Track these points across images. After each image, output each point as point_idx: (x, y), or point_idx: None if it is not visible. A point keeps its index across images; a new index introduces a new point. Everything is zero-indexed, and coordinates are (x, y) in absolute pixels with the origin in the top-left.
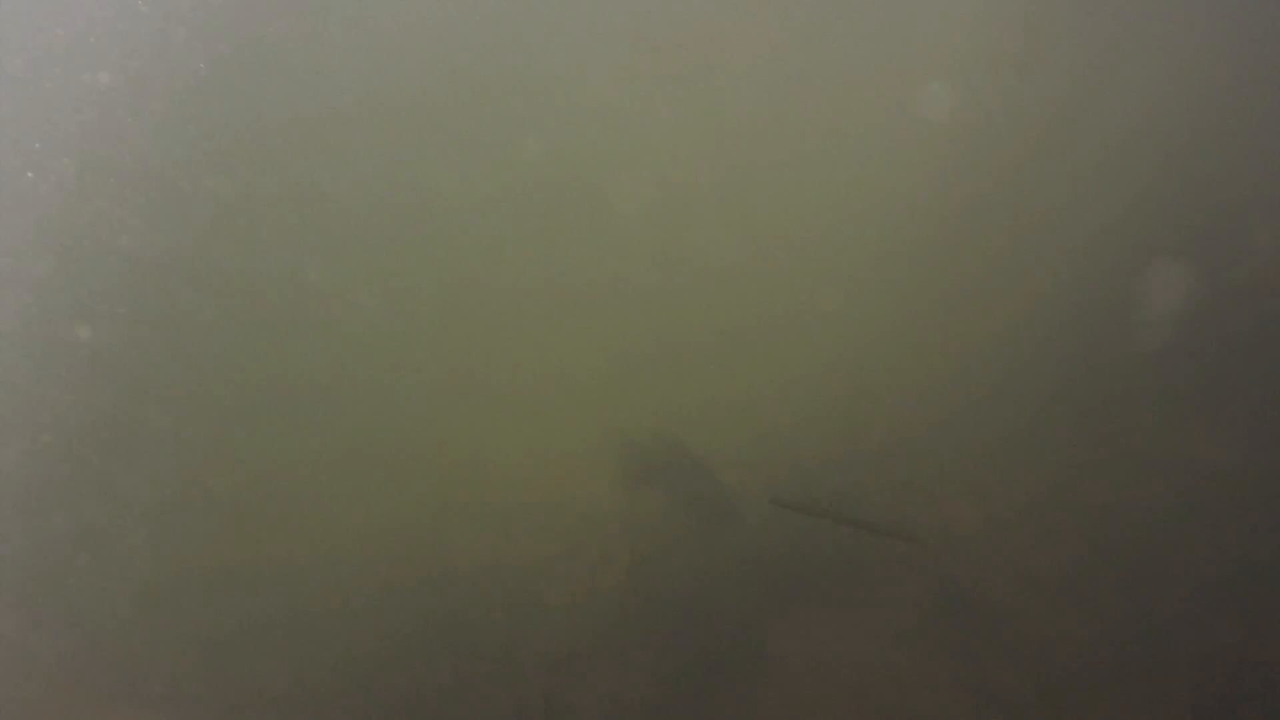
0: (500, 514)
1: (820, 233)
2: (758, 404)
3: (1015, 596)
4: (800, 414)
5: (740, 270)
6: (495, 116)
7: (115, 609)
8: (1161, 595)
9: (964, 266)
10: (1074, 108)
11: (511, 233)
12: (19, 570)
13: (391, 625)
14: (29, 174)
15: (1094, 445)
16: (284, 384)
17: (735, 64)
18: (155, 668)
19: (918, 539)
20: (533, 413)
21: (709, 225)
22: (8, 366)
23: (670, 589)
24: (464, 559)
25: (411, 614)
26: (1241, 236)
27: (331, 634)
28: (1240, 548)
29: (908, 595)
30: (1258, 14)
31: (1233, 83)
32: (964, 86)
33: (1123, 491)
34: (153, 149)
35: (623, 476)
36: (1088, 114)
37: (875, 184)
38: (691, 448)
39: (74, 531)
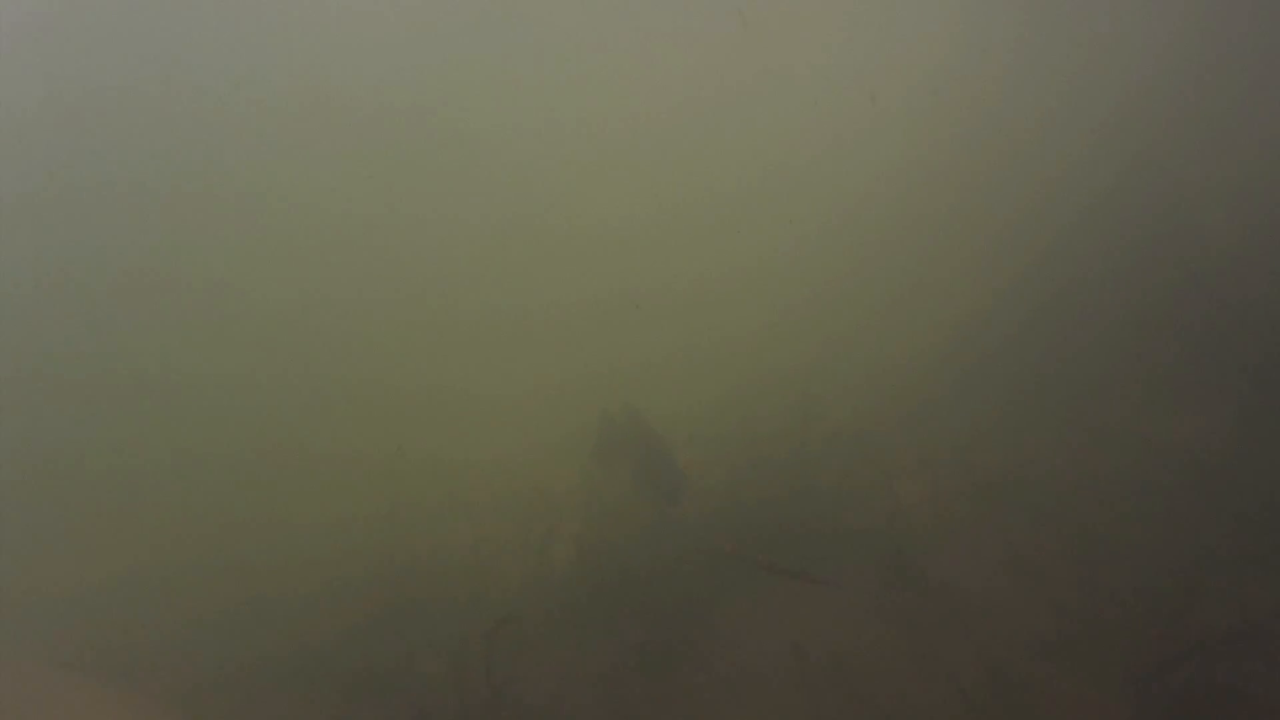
0: (454, 495)
1: (780, 228)
2: (714, 384)
3: (969, 576)
4: (756, 395)
5: (697, 259)
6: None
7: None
8: (1116, 573)
9: (914, 261)
10: (1029, 109)
11: (462, 219)
12: None
13: (341, 602)
14: None
15: (1050, 426)
16: (232, 374)
17: (675, 69)
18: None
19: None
20: (489, 395)
21: (665, 216)
22: None
23: (619, 566)
24: (415, 540)
25: (361, 593)
26: (1191, 230)
27: (282, 613)
28: (1195, 527)
29: (861, 575)
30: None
31: (1178, 84)
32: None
33: (1077, 471)
34: None
35: (586, 451)
36: (1047, 114)
37: (828, 185)
38: (650, 424)
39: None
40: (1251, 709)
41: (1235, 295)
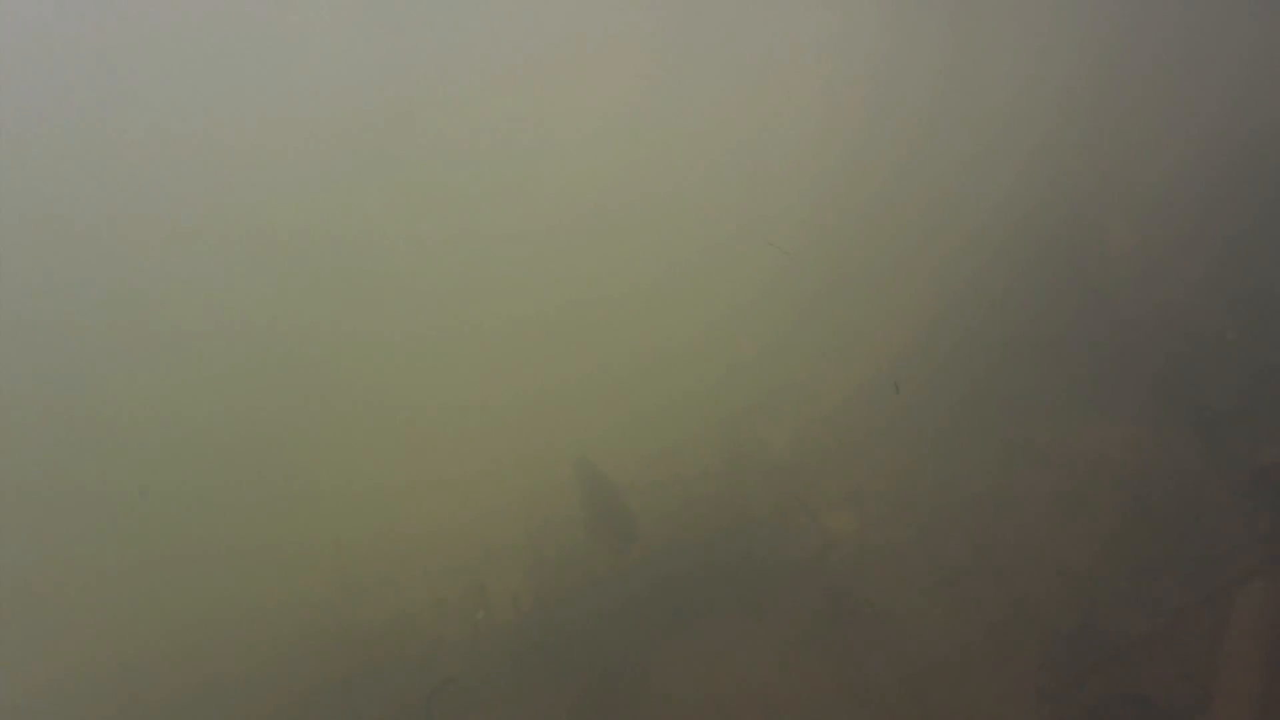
0: (396, 565)
1: (713, 277)
2: (649, 430)
3: (897, 601)
4: (690, 440)
5: (630, 304)
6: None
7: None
8: (1034, 584)
9: (837, 307)
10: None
11: (413, 263)
12: None
13: (290, 677)
14: None
15: (973, 448)
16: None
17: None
18: None
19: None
20: (439, 444)
21: (604, 260)
22: None
23: (558, 621)
24: (360, 613)
25: (309, 667)
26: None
27: (235, 689)
28: (1108, 532)
29: (794, 607)
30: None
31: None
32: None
33: (999, 488)
34: None
35: (524, 509)
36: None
37: (754, 237)
38: (603, 472)
39: None
40: (1160, 715)
41: (1137, 308)
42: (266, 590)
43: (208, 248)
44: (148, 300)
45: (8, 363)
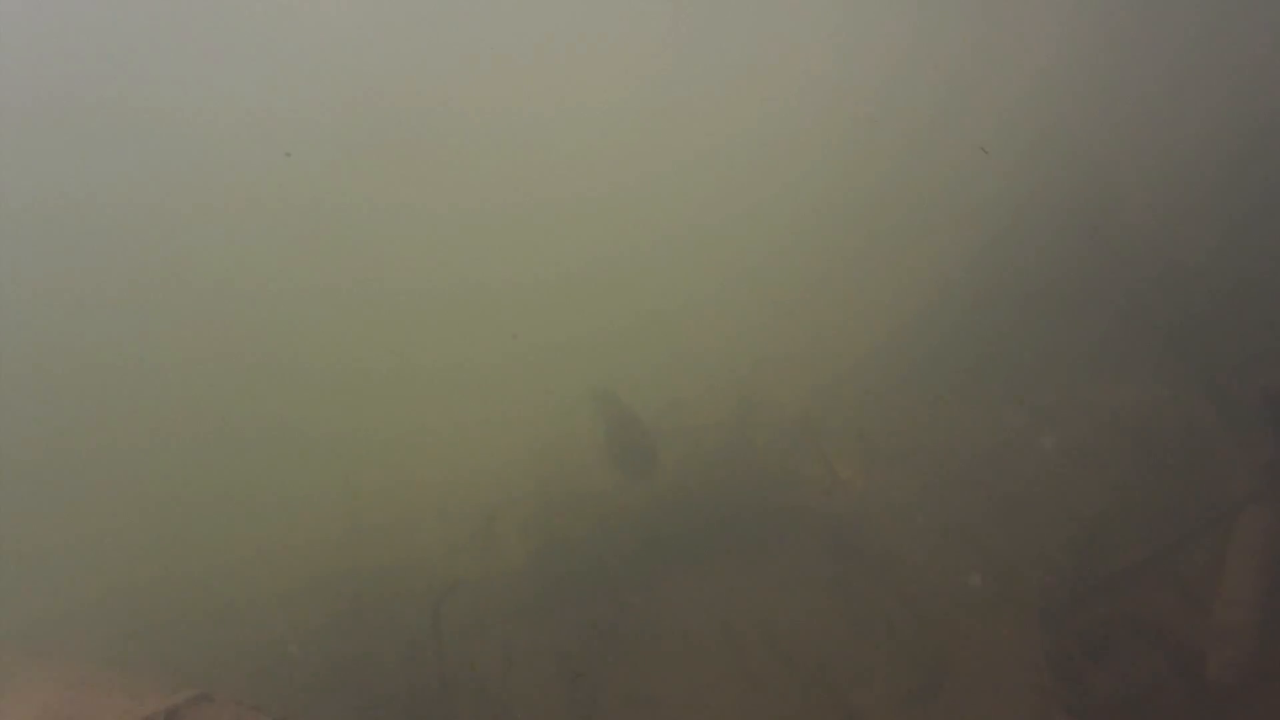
0: (409, 494)
1: (728, 227)
2: (660, 376)
3: (902, 542)
4: (701, 385)
5: (644, 261)
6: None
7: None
8: (1038, 527)
9: (854, 256)
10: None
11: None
12: None
13: (302, 604)
14: None
15: (988, 405)
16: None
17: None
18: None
19: None
20: (451, 392)
21: (615, 211)
22: None
23: (566, 550)
24: (372, 543)
25: (320, 595)
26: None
27: (249, 615)
28: (1118, 481)
29: (799, 546)
30: None
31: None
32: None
33: (1011, 443)
34: None
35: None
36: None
37: (769, 186)
38: (622, 400)
39: None
40: (1161, 639)
41: (1153, 267)
42: (277, 529)
43: (228, 205)
44: (163, 250)
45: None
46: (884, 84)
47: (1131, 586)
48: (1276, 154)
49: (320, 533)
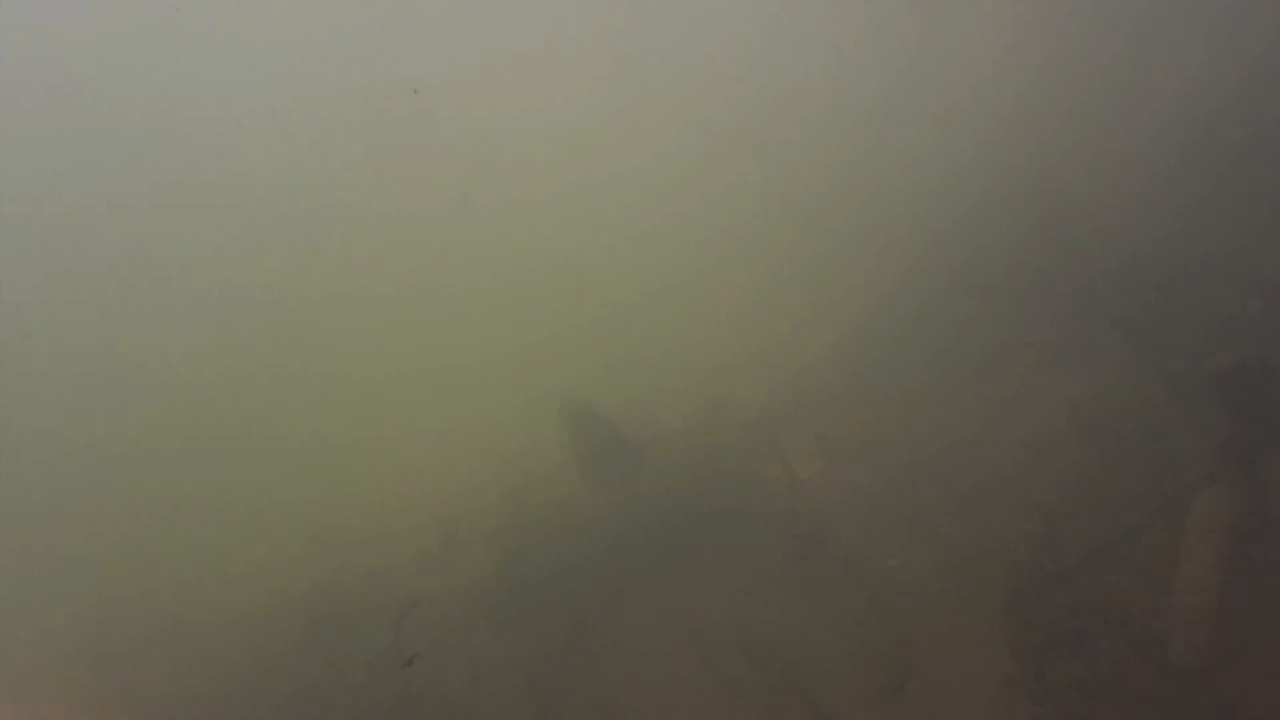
0: (375, 510)
1: (691, 238)
2: (624, 383)
3: (865, 538)
4: (666, 392)
5: (603, 265)
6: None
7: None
8: (998, 518)
9: (812, 261)
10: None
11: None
12: None
13: (268, 625)
14: None
15: (948, 400)
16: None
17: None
18: None
19: None
20: (414, 399)
21: (582, 221)
22: None
23: (533, 561)
24: (334, 562)
25: (286, 615)
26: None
27: (218, 637)
28: (1076, 473)
29: (764, 546)
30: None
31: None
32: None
33: (972, 436)
34: None
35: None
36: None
37: (728, 198)
38: (595, 407)
39: None
40: (1124, 625)
41: (1106, 260)
42: (239, 545)
43: (195, 210)
44: (137, 261)
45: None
46: (836, 82)
47: (1094, 573)
48: (1220, 147)
49: (284, 550)
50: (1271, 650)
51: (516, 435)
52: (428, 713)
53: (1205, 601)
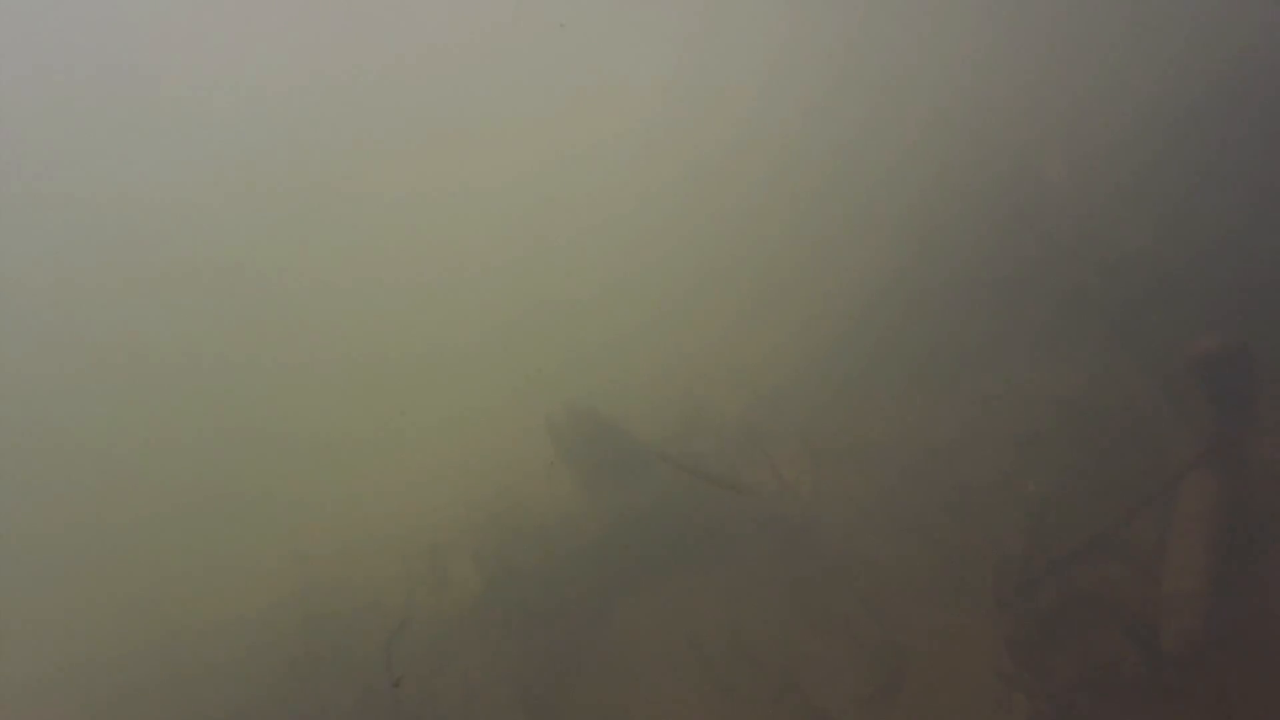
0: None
1: (669, 241)
2: (609, 395)
3: (853, 538)
4: (649, 396)
5: (586, 275)
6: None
7: None
8: (986, 513)
9: (792, 259)
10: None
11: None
12: None
13: (257, 661)
14: None
15: (932, 397)
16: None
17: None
18: None
19: (746, 489)
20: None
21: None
22: None
23: (520, 573)
24: (320, 589)
25: (274, 651)
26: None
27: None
28: (1064, 467)
29: (753, 550)
30: None
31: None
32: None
33: (957, 432)
34: None
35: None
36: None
37: (703, 199)
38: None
39: None
40: (1117, 615)
41: (1090, 253)
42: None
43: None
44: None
45: None
46: (819, 86)
47: (1085, 565)
48: (1202, 141)
49: (270, 573)
50: (1264, 635)
51: (505, 450)
52: None
53: (1196, 588)
